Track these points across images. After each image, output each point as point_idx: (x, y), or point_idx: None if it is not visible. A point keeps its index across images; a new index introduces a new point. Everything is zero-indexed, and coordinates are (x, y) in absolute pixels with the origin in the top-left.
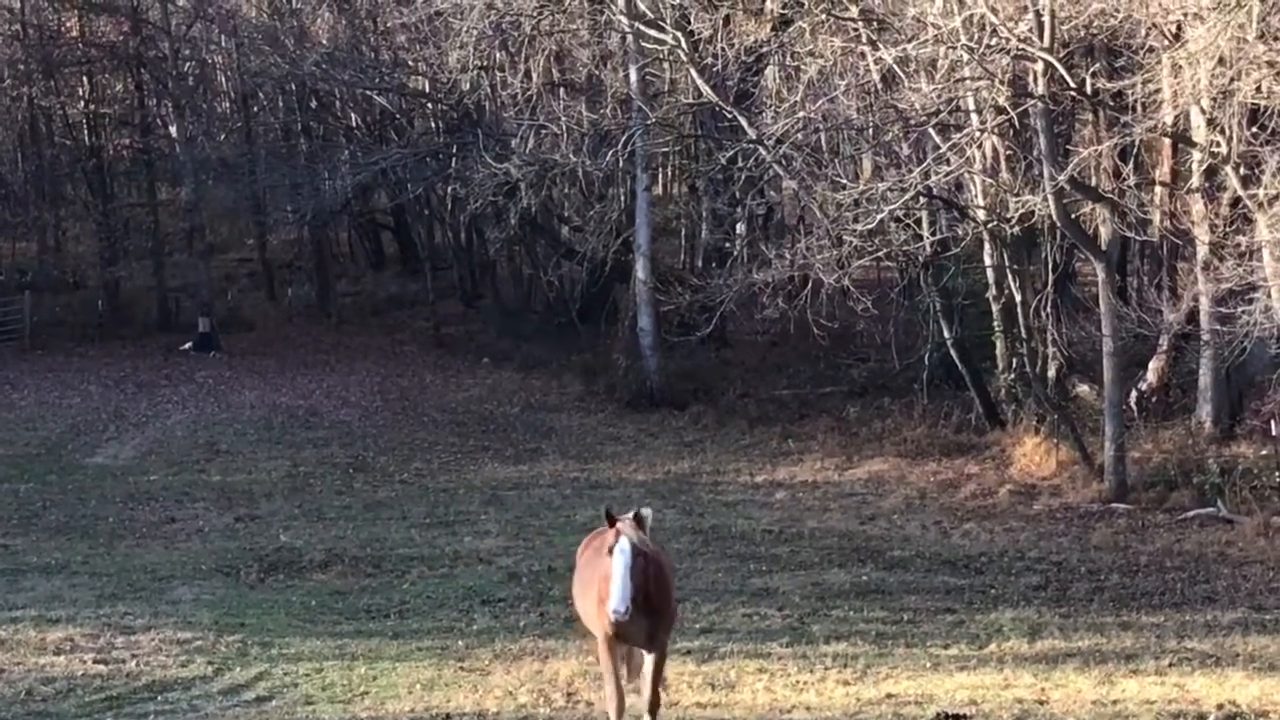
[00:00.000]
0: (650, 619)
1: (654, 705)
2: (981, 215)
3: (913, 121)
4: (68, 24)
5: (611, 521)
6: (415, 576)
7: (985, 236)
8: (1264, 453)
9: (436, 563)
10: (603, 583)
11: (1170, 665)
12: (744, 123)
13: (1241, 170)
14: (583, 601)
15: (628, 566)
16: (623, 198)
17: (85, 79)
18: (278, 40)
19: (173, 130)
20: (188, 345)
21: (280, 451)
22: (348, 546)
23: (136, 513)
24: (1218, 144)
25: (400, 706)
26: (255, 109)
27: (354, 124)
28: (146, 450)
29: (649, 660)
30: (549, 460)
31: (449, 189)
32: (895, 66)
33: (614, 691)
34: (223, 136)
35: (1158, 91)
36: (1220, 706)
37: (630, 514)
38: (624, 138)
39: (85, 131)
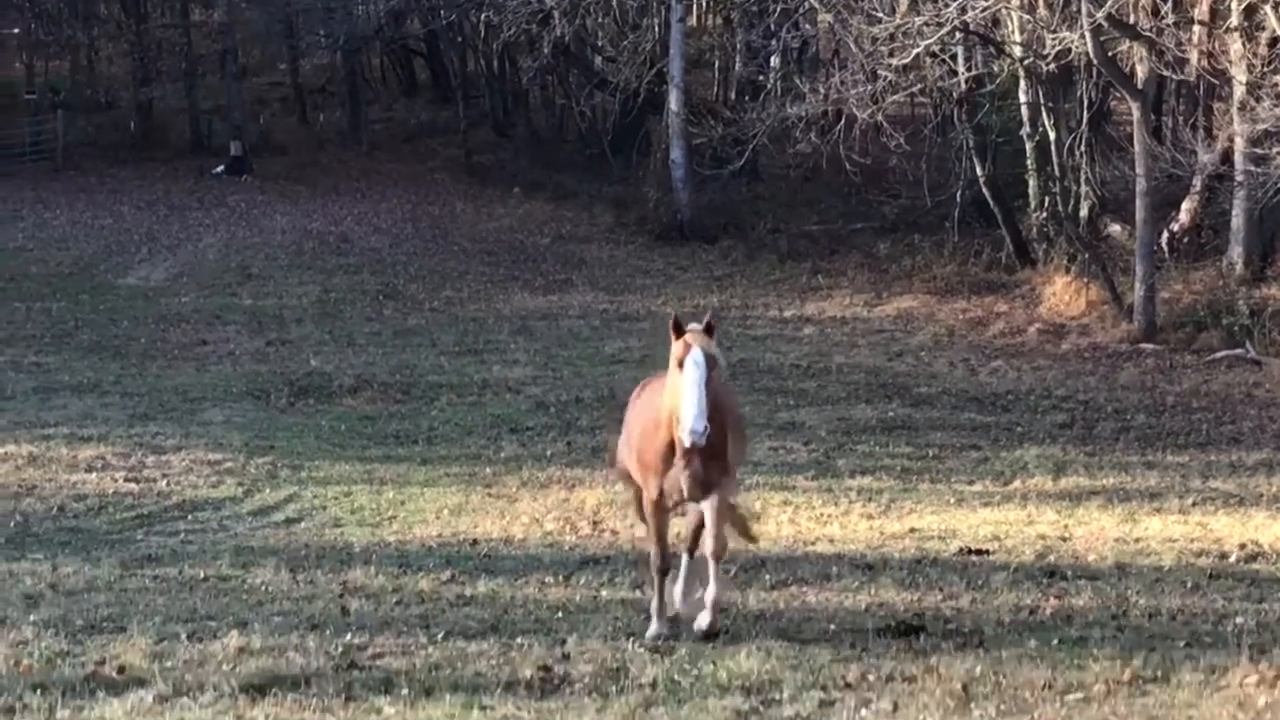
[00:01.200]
0: (713, 460)
1: (720, 546)
2: (1018, 51)
3: None
4: None
5: (679, 331)
6: (444, 403)
7: (1021, 73)
8: None
9: (465, 390)
10: (672, 399)
11: (1194, 505)
12: None
13: None
14: (639, 444)
15: (702, 379)
16: (657, 28)
17: None
18: None
19: None
20: (220, 168)
21: (311, 277)
22: (377, 372)
23: (168, 334)
24: None
25: (427, 531)
26: None
27: None
28: (178, 272)
29: (707, 513)
30: (578, 291)
31: (482, 15)
32: None
33: (659, 552)
34: None
35: None
36: (1243, 546)
37: (702, 322)
38: None
39: None
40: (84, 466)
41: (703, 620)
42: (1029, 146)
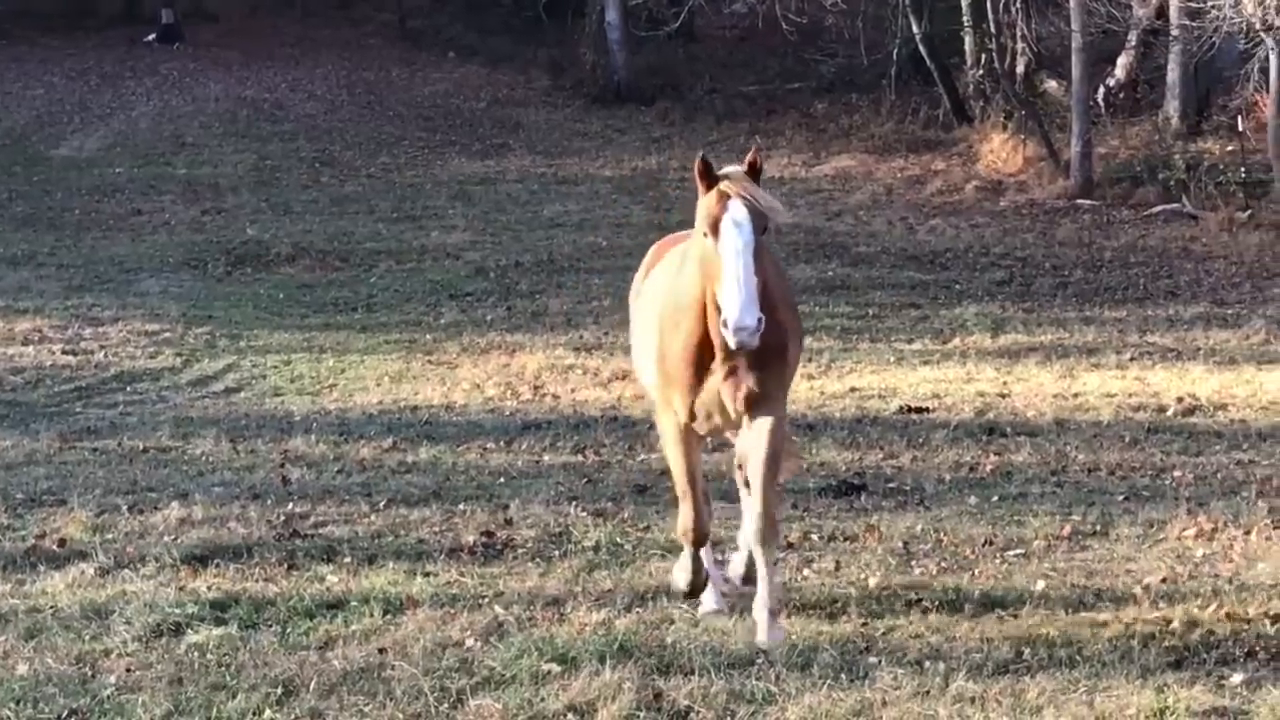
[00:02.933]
0: (765, 364)
1: (768, 527)
2: None
3: None
4: None
5: (709, 178)
6: (382, 270)
7: None
8: (1230, 148)
9: (404, 257)
10: (706, 278)
11: (1131, 359)
12: None
13: None
14: (658, 342)
15: (750, 249)
16: None
17: None
18: None
19: None
20: (151, 36)
21: (246, 145)
22: (314, 240)
23: (102, 205)
24: None
25: (368, 399)
26: None
27: None
28: (111, 142)
29: (757, 443)
30: (515, 155)
31: None
32: None
33: (693, 511)
34: None
35: None
36: (1180, 399)
37: (743, 162)
38: None
39: None
40: (20, 339)
41: (763, 637)
42: (964, 3)
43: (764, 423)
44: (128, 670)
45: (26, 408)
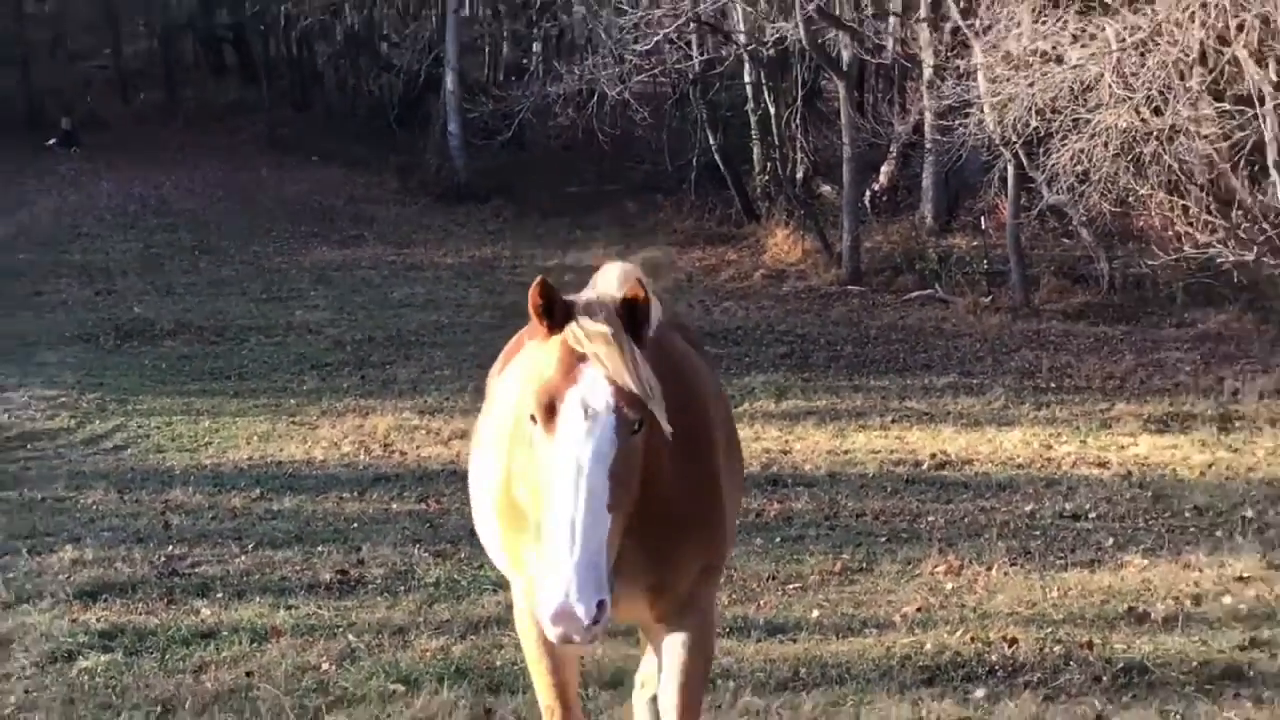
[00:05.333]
0: (668, 540)
1: None
2: (742, 39)
3: None
4: None
5: (551, 319)
6: (253, 344)
7: (745, 57)
8: (974, 244)
9: (271, 332)
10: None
11: (893, 421)
12: None
13: (961, 3)
14: (483, 509)
15: (600, 466)
16: (435, 19)
17: None
18: None
19: None
20: (52, 141)
21: (134, 235)
22: (194, 317)
23: (6, 287)
24: None
25: (240, 455)
26: None
27: None
28: (16, 233)
29: (670, 664)
30: (369, 245)
31: (283, 6)
32: None
33: None
34: None
35: None
36: (933, 456)
37: (615, 293)
38: None
39: None
40: None
41: None
42: (753, 120)
43: (679, 635)
44: (25, 692)
45: None
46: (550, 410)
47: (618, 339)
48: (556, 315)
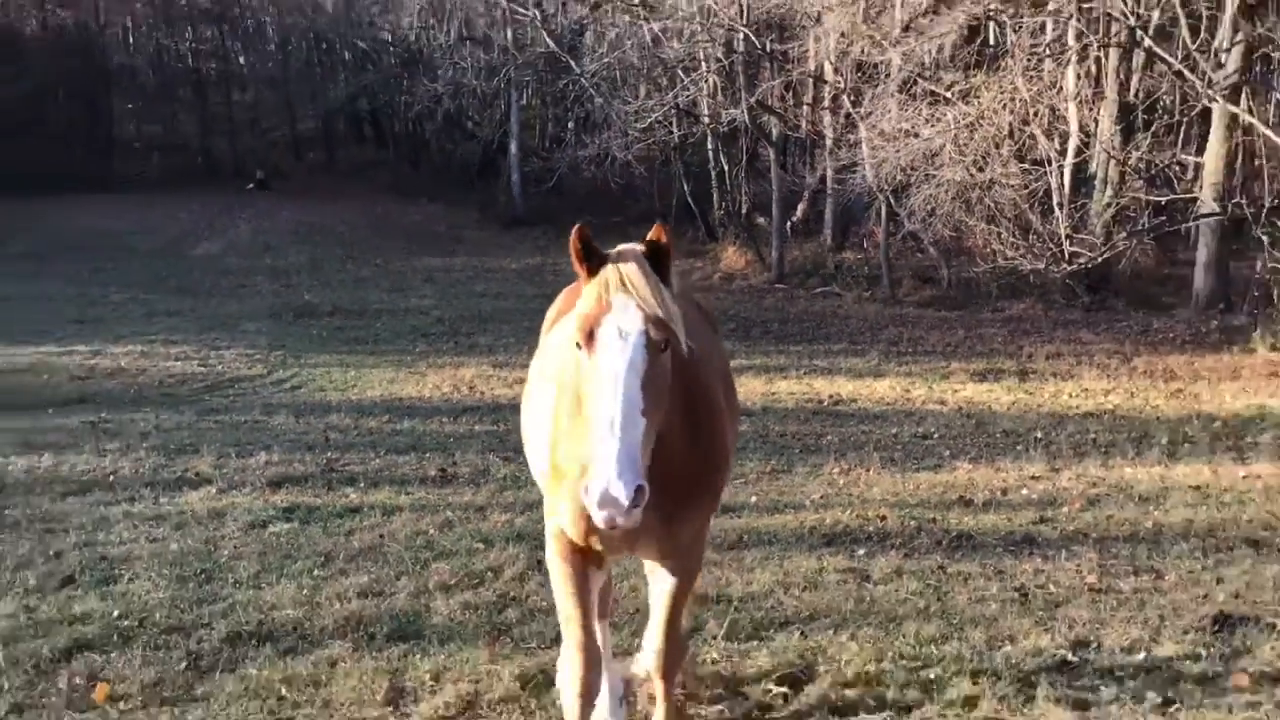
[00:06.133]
0: (682, 493)
1: (670, 661)
2: (707, 120)
3: (669, 65)
4: None
5: (589, 263)
6: (383, 320)
7: (709, 133)
8: (859, 256)
9: (395, 313)
10: (573, 406)
11: (804, 374)
12: (572, 64)
13: (851, 98)
14: (557, 425)
15: (633, 375)
16: (503, 105)
17: (189, 27)
18: (302, 7)
19: (241, 59)
20: (250, 186)
21: (304, 248)
22: (343, 302)
23: (220, 282)
24: (839, 82)
25: (374, 393)
26: (289, 47)
27: (346, 59)
28: (227, 246)
29: (665, 570)
30: (459, 256)
31: (403, 98)
32: (659, 33)
33: (579, 656)
34: (270, 65)
35: (805, 50)
36: (831, 396)
37: (641, 244)
38: (503, 71)
39: (190, 58)
40: (173, 358)
41: None
42: (713, 174)
43: (677, 548)
44: (235, 547)
45: (176, 397)
46: (590, 335)
47: (645, 274)
48: (594, 259)
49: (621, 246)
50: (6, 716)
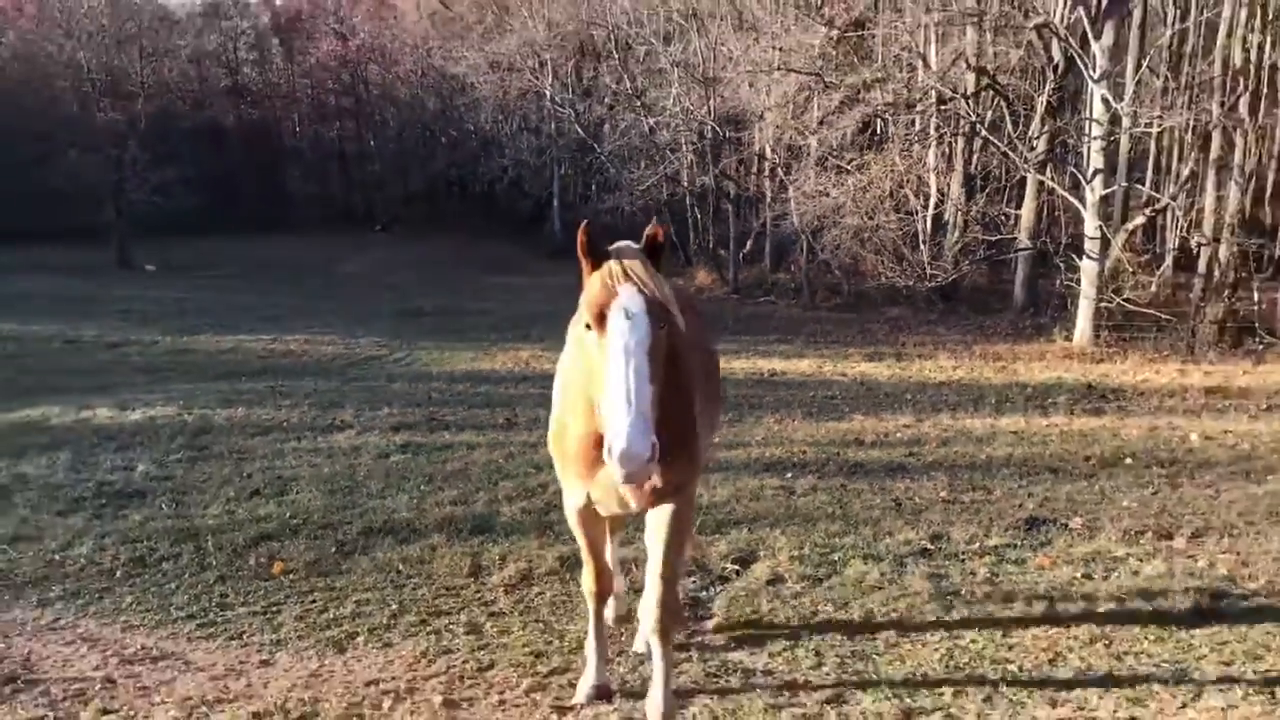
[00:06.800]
0: (667, 464)
1: (666, 618)
2: (685, 184)
3: (660, 147)
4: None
5: (594, 258)
6: (468, 318)
7: (687, 192)
8: (788, 276)
9: (477, 312)
10: (592, 382)
11: (751, 356)
12: (596, 146)
13: (783, 169)
14: (562, 414)
15: (641, 350)
16: (549, 174)
17: (338, 120)
18: (413, 106)
19: (371, 141)
20: (377, 228)
21: (412, 270)
22: (445, 304)
23: (359, 293)
24: (775, 158)
25: (460, 367)
26: (404, 133)
27: (442, 141)
28: (362, 268)
29: (657, 530)
30: (518, 276)
31: (480, 169)
32: (654, 125)
33: (593, 572)
34: (390, 145)
35: (752, 137)
36: (770, 371)
37: (642, 238)
38: (548, 151)
39: (337, 140)
40: (326, 343)
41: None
42: (690, 219)
43: (667, 509)
44: (367, 471)
45: (327, 370)
46: (601, 318)
47: (645, 264)
48: (597, 253)
49: (620, 243)
50: (214, 583)
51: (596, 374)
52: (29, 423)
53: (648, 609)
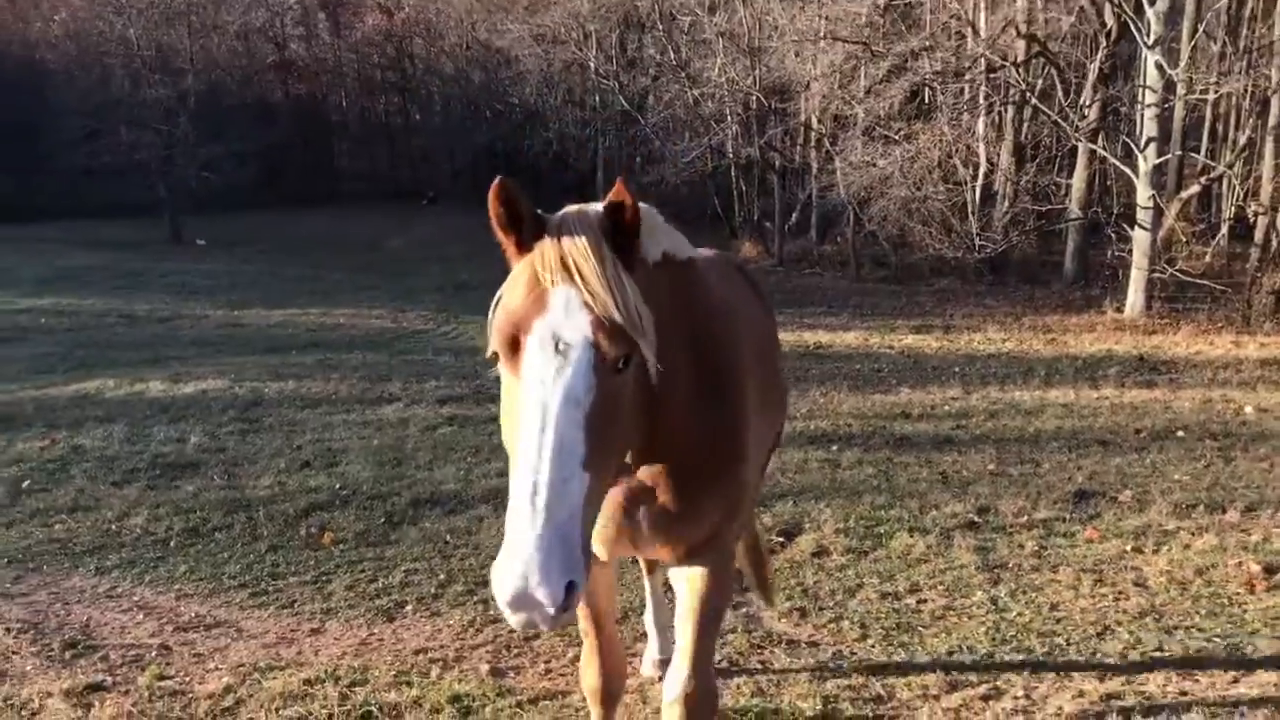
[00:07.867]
0: (672, 506)
1: (696, 697)
2: (731, 156)
3: (705, 118)
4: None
5: (519, 235)
6: None
7: (732, 164)
8: (835, 248)
9: None
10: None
11: (797, 329)
12: (640, 118)
13: (829, 140)
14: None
15: (570, 409)
16: (593, 147)
17: (384, 95)
18: (458, 80)
19: (417, 116)
20: (424, 201)
21: (461, 245)
22: (487, 280)
23: (407, 267)
24: (822, 129)
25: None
26: (450, 107)
27: (487, 115)
28: (408, 243)
29: (687, 592)
30: None
31: (525, 142)
32: (699, 96)
33: (596, 660)
34: (436, 119)
35: (798, 107)
36: (815, 344)
37: (600, 204)
38: (593, 124)
39: (384, 115)
40: (373, 317)
41: None
42: (735, 192)
43: (697, 572)
44: (415, 443)
45: (377, 342)
46: (514, 344)
47: (598, 254)
48: (526, 229)
49: (569, 209)
50: (266, 553)
51: (506, 442)
52: (85, 396)
53: (671, 698)
